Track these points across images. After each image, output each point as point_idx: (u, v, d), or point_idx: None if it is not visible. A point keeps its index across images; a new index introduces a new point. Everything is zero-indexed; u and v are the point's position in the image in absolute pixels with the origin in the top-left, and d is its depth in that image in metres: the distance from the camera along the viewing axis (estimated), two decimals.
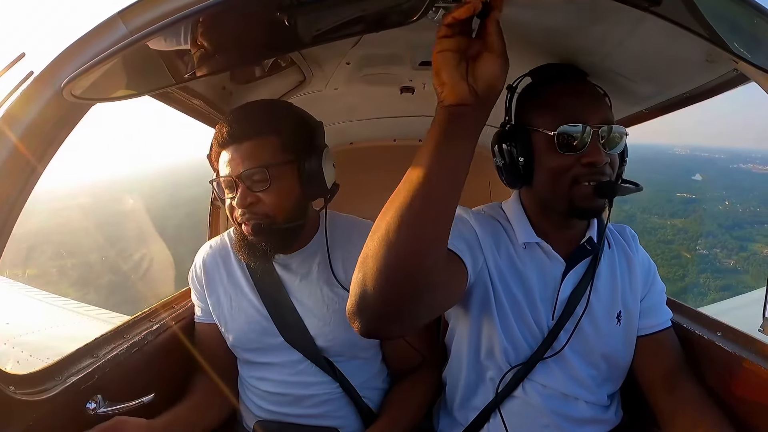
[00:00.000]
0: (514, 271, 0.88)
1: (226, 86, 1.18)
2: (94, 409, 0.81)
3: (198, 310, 1.09)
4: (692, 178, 42.77)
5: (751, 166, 50.98)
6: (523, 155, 0.84)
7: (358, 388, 1.02)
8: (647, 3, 0.50)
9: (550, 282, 0.89)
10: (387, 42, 1.02)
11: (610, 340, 0.90)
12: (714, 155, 61.22)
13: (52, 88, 0.65)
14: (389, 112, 1.80)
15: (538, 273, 0.89)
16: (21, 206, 0.68)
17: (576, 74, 0.90)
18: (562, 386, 0.88)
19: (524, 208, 0.92)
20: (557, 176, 0.82)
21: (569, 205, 0.82)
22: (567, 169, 0.81)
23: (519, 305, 0.87)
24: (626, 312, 0.91)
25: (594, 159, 0.79)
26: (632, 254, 0.96)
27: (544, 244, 0.89)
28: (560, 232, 0.90)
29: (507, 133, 0.87)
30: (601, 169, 0.80)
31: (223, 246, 1.08)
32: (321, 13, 0.54)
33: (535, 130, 0.84)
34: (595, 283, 0.89)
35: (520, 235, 0.89)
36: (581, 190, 0.81)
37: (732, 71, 0.80)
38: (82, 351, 0.86)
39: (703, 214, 35.21)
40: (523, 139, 0.84)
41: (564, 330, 0.87)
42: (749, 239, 30.00)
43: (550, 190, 0.84)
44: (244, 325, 1.01)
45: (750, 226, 32.60)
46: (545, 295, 0.88)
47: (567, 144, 0.80)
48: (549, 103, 0.84)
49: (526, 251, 0.89)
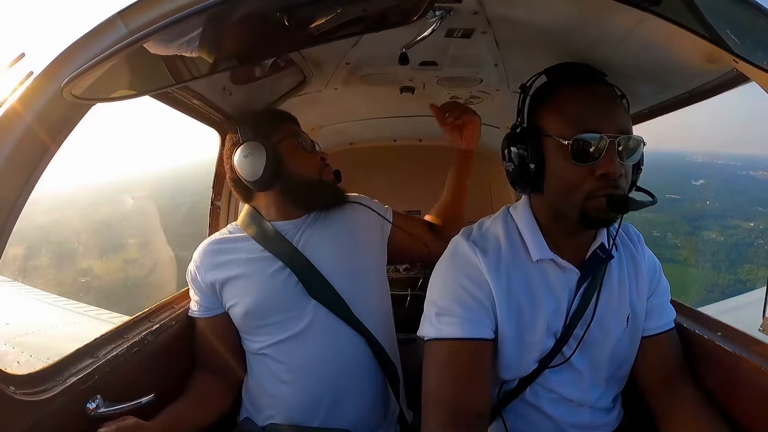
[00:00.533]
0: (527, 286, 0.85)
1: (226, 86, 1.18)
2: (94, 410, 0.80)
3: (197, 306, 1.09)
4: (693, 183, 43.60)
5: (760, 173, 51.91)
6: (535, 161, 0.80)
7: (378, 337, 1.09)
8: (647, 3, 0.50)
9: (564, 293, 0.86)
10: (387, 42, 1.02)
11: (618, 344, 0.89)
12: (730, 162, 62.42)
13: (52, 88, 0.65)
14: (389, 112, 1.80)
15: (552, 287, 0.86)
16: (21, 206, 0.68)
17: (593, 75, 0.84)
18: (568, 393, 0.87)
19: (536, 217, 0.88)
20: (570, 188, 0.78)
21: (580, 216, 0.79)
22: (581, 181, 0.77)
23: (530, 316, 0.85)
24: (633, 314, 0.90)
25: (608, 170, 0.75)
26: (638, 255, 0.94)
27: (558, 259, 0.85)
28: (572, 238, 0.86)
29: (519, 136, 0.83)
30: (615, 181, 0.76)
31: (227, 235, 1.13)
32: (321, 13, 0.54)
33: (548, 136, 0.79)
34: (605, 289, 0.87)
35: (534, 251, 0.85)
36: (594, 203, 0.77)
37: (732, 71, 0.80)
38: (82, 351, 0.86)
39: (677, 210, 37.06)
40: (535, 143, 0.80)
41: (573, 337, 0.86)
42: (706, 228, 33.19)
43: (562, 200, 0.81)
44: (273, 293, 1.05)
45: (713, 219, 35.38)
46: (560, 307, 0.86)
47: (581, 154, 0.76)
48: (564, 107, 0.79)
49: (540, 265, 0.86)
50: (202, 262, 1.08)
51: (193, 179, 7.68)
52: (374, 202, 1.22)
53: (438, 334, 0.82)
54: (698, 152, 75.52)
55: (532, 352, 0.85)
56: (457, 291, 0.83)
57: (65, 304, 2.49)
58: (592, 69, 0.85)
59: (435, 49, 1.10)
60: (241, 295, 1.05)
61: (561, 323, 0.85)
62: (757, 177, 49.60)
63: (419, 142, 2.15)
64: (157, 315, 1.09)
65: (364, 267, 1.13)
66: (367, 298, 1.10)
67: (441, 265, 0.89)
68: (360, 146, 2.14)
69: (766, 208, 38.22)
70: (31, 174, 0.68)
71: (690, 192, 38.73)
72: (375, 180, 1.96)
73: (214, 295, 1.07)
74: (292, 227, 1.11)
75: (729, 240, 31.91)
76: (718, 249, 30.14)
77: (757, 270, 26.56)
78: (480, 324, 0.82)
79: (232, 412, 1.11)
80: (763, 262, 27.46)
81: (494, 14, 0.88)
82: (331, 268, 1.07)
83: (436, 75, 1.30)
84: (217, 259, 1.08)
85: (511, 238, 0.88)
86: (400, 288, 1.80)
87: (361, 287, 1.09)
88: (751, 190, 44.38)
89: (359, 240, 1.14)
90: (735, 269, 27.40)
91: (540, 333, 0.84)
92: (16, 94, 0.65)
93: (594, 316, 0.85)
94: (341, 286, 1.06)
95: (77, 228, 30.07)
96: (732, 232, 33.23)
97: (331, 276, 1.07)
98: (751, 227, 33.67)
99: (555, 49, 0.93)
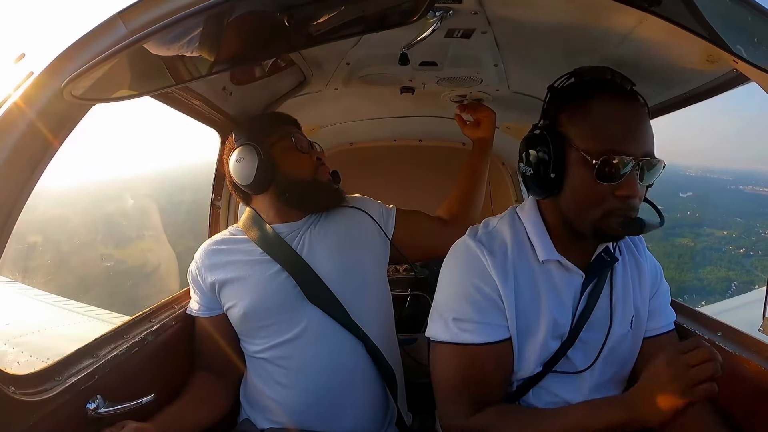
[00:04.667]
0: (533, 287, 0.85)
1: (226, 86, 1.18)
2: (94, 410, 0.80)
3: (198, 306, 1.09)
4: (680, 195, 45.28)
5: (749, 188, 54.62)
6: (556, 171, 0.78)
7: (377, 342, 1.08)
8: (647, 3, 0.50)
9: (569, 295, 0.86)
10: (387, 42, 1.02)
11: (623, 347, 0.89)
12: (722, 176, 66.05)
13: (52, 88, 0.65)
14: (389, 112, 1.80)
15: (557, 288, 0.86)
16: (21, 206, 0.68)
17: (623, 84, 0.80)
18: (570, 397, 0.87)
19: (544, 220, 0.87)
20: (589, 204, 0.77)
21: (593, 231, 0.79)
22: (600, 199, 0.76)
23: (534, 316, 0.85)
24: (637, 315, 0.91)
25: (629, 193, 0.74)
26: (641, 258, 0.95)
27: (564, 260, 0.85)
28: (578, 243, 0.86)
29: (541, 139, 0.80)
30: (634, 202, 0.76)
31: (228, 237, 1.13)
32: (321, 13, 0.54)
33: (574, 147, 0.77)
34: (613, 292, 0.87)
35: (540, 252, 0.85)
36: (610, 222, 0.77)
37: (732, 71, 0.80)
38: (82, 351, 0.86)
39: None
40: (558, 151, 0.77)
41: (579, 340, 0.85)
42: (680, 235, 35.67)
43: (577, 213, 0.80)
44: (270, 296, 1.04)
45: (689, 228, 38.27)
46: (564, 310, 0.86)
47: (606, 175, 0.74)
48: (594, 120, 0.76)
49: (545, 266, 0.86)
50: (203, 263, 1.09)
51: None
52: (376, 206, 1.20)
53: (455, 339, 0.82)
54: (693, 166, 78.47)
55: (536, 354, 0.84)
56: (468, 291, 0.83)
57: (65, 304, 2.48)
58: (625, 78, 0.80)
59: (435, 49, 1.10)
60: (239, 297, 1.05)
61: (567, 326, 0.85)
62: (745, 191, 53.10)
63: (419, 142, 2.15)
64: (157, 315, 1.08)
65: (362, 271, 1.12)
66: (365, 302, 1.09)
67: (449, 264, 0.89)
68: (360, 146, 2.14)
69: (743, 219, 41.17)
70: (32, 174, 0.68)
71: (675, 203, 41.51)
72: (375, 180, 1.96)
73: (213, 296, 1.08)
74: (292, 230, 1.11)
75: (698, 245, 35.05)
76: (685, 253, 32.69)
77: (717, 271, 30.96)
78: (496, 326, 0.82)
79: (231, 413, 1.11)
80: (726, 264, 31.47)
81: (494, 14, 0.88)
82: (330, 272, 1.07)
83: (436, 75, 1.30)
84: (217, 259, 1.08)
85: (518, 239, 0.88)
86: (400, 288, 1.80)
87: (359, 291, 1.09)
88: (734, 202, 48.14)
89: (358, 245, 1.13)
90: (697, 270, 30.06)
91: (544, 334, 0.84)
92: (16, 94, 0.65)
93: (611, 324, 0.86)
94: (339, 291, 1.06)
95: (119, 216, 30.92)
96: (704, 239, 36.77)
97: (330, 280, 1.06)
98: (724, 235, 37.59)
99: (555, 49, 0.93)
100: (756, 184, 55.47)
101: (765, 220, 40.27)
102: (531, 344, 0.84)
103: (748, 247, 35.53)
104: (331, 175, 1.17)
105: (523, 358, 0.84)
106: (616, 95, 0.78)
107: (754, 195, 51.23)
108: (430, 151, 2.14)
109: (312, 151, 1.15)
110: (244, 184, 1.09)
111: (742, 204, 46.99)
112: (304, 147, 1.13)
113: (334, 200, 1.15)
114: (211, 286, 1.07)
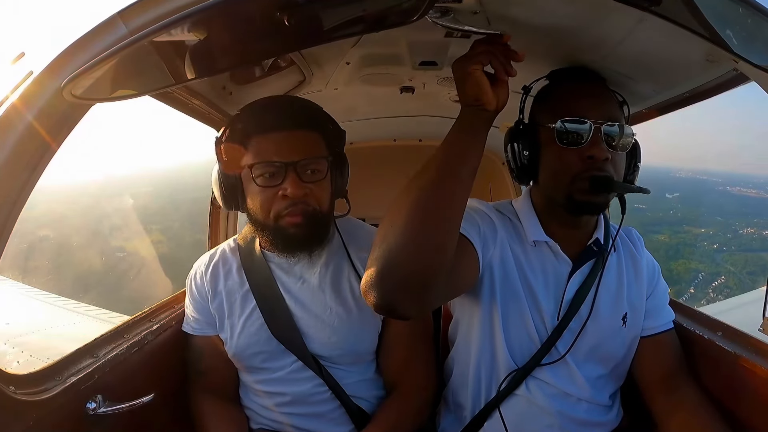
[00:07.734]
0: (521, 268, 0.88)
1: (226, 86, 1.18)
2: (94, 409, 0.80)
3: (195, 323, 1.04)
4: (666, 196, 46.34)
5: (736, 189, 56.45)
6: (529, 149, 0.87)
7: (350, 391, 1.00)
8: (647, 3, 0.50)
9: (556, 281, 0.89)
10: (387, 42, 1.02)
11: (613, 342, 0.90)
12: (711, 178, 68.89)
13: (51, 87, 0.65)
14: (389, 112, 1.80)
15: (545, 272, 0.89)
16: (21, 206, 0.68)
17: (590, 76, 0.91)
18: (565, 385, 0.88)
19: (534, 205, 0.93)
20: (558, 171, 0.84)
21: (568, 200, 0.83)
22: (568, 164, 0.82)
23: (524, 303, 0.87)
24: (632, 313, 0.91)
25: (593, 152, 0.80)
26: (638, 256, 0.96)
27: (552, 243, 0.89)
28: (568, 231, 0.90)
29: (517, 130, 0.90)
30: (601, 165, 0.81)
31: (224, 257, 1.06)
32: (321, 12, 0.54)
33: (540, 126, 0.86)
34: (601, 285, 0.88)
35: (530, 232, 0.90)
36: (579, 185, 0.81)
37: (732, 71, 0.80)
38: (82, 351, 0.86)
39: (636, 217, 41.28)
40: (530, 134, 0.87)
41: (568, 330, 0.87)
42: (658, 232, 37.61)
43: (552, 185, 0.86)
44: (252, 343, 0.99)
45: (668, 226, 40.11)
46: (551, 295, 0.88)
47: (567, 137, 0.81)
48: (555, 100, 0.86)
49: (535, 249, 0.90)
50: (203, 285, 1.04)
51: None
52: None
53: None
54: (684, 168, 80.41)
55: (524, 341, 0.87)
56: (476, 206, 0.92)
57: (65, 303, 2.48)
58: (588, 70, 0.90)
59: (435, 49, 1.10)
60: (227, 336, 1.01)
61: (554, 316, 0.87)
62: (732, 192, 55.35)
63: (419, 142, 2.15)
64: (157, 315, 1.09)
65: (342, 318, 0.99)
66: (341, 347, 0.98)
67: None
68: (360, 146, 2.14)
69: (723, 218, 43.72)
70: (32, 173, 0.68)
71: (659, 203, 43.54)
72: (375, 180, 1.96)
73: (215, 321, 1.03)
74: (286, 260, 1.00)
75: (673, 241, 37.21)
76: (660, 247, 34.52)
77: (688, 263, 33.46)
78: (484, 238, 0.86)
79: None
80: (697, 258, 35.46)
81: (494, 14, 0.88)
82: (305, 315, 0.98)
83: (436, 75, 1.30)
84: (213, 284, 1.03)
85: (512, 220, 0.94)
86: None
87: (335, 336, 0.98)
88: (718, 203, 50.39)
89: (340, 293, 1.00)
90: (668, 262, 31.26)
91: (530, 318, 0.87)
92: (16, 93, 0.65)
93: (591, 311, 0.87)
94: (311, 333, 0.97)
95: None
96: (681, 236, 39.01)
97: (303, 323, 0.98)
98: (701, 233, 40.64)
99: (555, 49, 0.93)
100: (744, 186, 57.53)
101: (743, 219, 42.59)
102: (525, 323, 0.87)
103: (722, 244, 38.76)
104: (302, 216, 0.90)
105: (520, 337, 0.87)
106: (573, 77, 0.89)
107: (739, 196, 53.30)
108: (430, 151, 2.13)
109: (280, 185, 0.88)
110: (222, 205, 1.00)
111: (725, 204, 49.21)
112: (266, 178, 0.89)
113: (299, 249, 0.95)
114: (211, 311, 1.03)
